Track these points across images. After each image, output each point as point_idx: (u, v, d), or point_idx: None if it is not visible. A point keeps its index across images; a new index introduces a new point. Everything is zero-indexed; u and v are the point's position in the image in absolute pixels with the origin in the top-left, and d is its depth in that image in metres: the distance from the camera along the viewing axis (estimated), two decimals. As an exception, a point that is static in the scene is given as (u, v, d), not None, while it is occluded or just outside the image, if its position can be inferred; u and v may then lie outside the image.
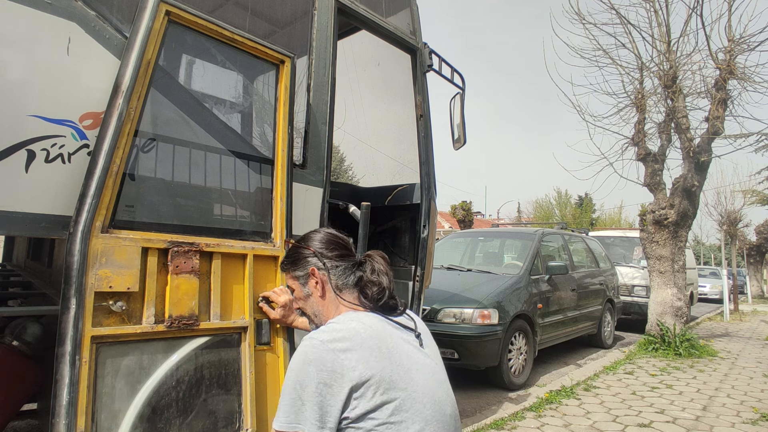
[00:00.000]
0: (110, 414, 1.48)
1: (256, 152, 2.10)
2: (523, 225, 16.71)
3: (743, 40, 6.62)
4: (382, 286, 1.31)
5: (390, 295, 1.32)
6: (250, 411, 1.78)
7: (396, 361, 1.13)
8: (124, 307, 1.53)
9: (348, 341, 1.12)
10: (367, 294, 1.30)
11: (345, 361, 1.08)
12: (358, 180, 4.55)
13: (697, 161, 6.90)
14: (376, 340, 1.14)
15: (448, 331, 4.59)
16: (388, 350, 1.14)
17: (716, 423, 3.75)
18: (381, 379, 1.09)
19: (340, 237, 1.43)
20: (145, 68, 1.62)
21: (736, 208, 17.13)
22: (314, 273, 1.34)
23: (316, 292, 1.35)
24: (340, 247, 1.39)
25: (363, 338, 1.13)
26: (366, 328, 1.16)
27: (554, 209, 37.52)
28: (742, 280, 22.88)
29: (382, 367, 1.10)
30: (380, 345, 1.14)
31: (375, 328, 1.18)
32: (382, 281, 1.31)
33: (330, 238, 1.40)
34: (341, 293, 1.32)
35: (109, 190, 1.52)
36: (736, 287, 13.73)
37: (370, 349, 1.11)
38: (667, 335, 6.66)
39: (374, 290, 1.30)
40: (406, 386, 1.12)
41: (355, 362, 1.08)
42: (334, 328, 1.16)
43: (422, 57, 3.30)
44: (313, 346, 1.12)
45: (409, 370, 1.14)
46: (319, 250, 1.37)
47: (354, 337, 1.13)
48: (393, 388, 1.09)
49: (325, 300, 1.33)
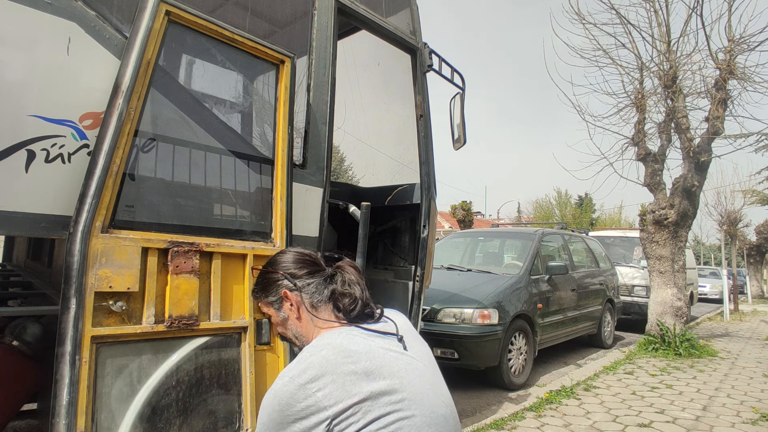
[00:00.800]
0: (110, 414, 1.48)
1: (256, 152, 2.10)
2: (523, 225, 16.71)
3: (743, 40, 6.62)
4: (354, 296, 1.28)
5: (364, 304, 1.29)
6: (250, 411, 1.78)
7: (378, 376, 1.11)
8: (124, 307, 1.53)
9: (319, 371, 1.09)
10: (340, 307, 1.28)
11: (318, 393, 1.06)
12: (358, 180, 4.55)
13: (697, 161, 6.90)
14: (351, 364, 1.12)
15: (448, 331, 4.59)
16: (366, 368, 1.12)
17: (716, 423, 3.75)
18: (363, 400, 1.07)
19: (307, 254, 1.40)
20: (145, 68, 1.62)
21: (736, 208, 17.13)
22: (287, 296, 1.32)
23: (292, 314, 1.32)
24: (309, 263, 1.36)
25: (335, 364, 1.11)
26: (338, 353, 1.14)
27: (554, 209, 37.52)
28: (742, 280, 22.88)
29: (362, 388, 1.08)
30: (356, 367, 1.11)
31: (349, 350, 1.15)
32: (353, 292, 1.29)
33: (297, 257, 1.37)
34: (316, 312, 1.30)
35: (109, 190, 1.52)
36: (736, 287, 13.73)
37: (345, 375, 1.09)
38: (667, 335, 6.66)
39: (346, 302, 1.28)
40: (392, 398, 1.10)
41: (330, 392, 1.07)
42: (305, 360, 1.14)
43: (422, 57, 3.30)
44: (284, 384, 1.09)
45: (393, 380, 1.13)
46: (288, 271, 1.33)
47: (325, 365, 1.10)
48: (379, 405, 1.08)
49: (302, 321, 1.32)
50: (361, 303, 1.28)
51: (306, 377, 1.09)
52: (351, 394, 1.07)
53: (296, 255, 1.38)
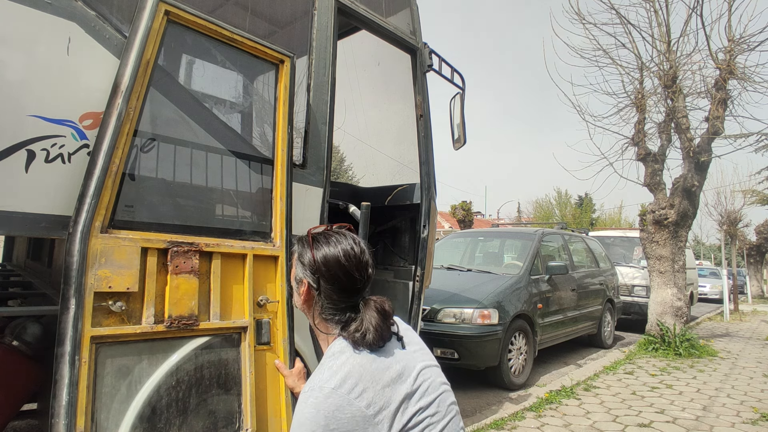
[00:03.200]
0: (110, 414, 1.48)
1: (256, 152, 2.10)
2: (523, 225, 16.70)
3: (743, 40, 6.62)
4: (368, 343, 1.11)
5: (374, 342, 1.13)
6: (250, 411, 1.77)
7: (407, 376, 1.10)
8: (124, 307, 1.53)
9: (358, 379, 1.04)
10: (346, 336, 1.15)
11: (361, 402, 1.02)
12: (358, 180, 4.55)
13: (697, 161, 6.90)
14: (386, 370, 1.09)
15: (448, 331, 4.59)
16: (398, 371, 1.10)
17: (716, 423, 3.75)
18: (402, 402, 1.06)
19: (352, 270, 1.17)
20: (144, 68, 1.62)
21: (736, 208, 17.12)
22: (304, 285, 1.20)
23: (300, 297, 1.22)
24: (342, 282, 1.17)
25: (372, 372, 1.06)
26: (370, 360, 1.09)
27: (554, 209, 37.49)
28: (742, 280, 22.88)
29: (399, 392, 1.07)
30: (391, 372, 1.09)
31: (379, 356, 1.11)
32: (364, 344, 1.11)
33: (338, 269, 1.17)
34: (318, 325, 1.21)
35: (108, 190, 1.52)
36: (736, 287, 13.73)
37: (383, 382, 1.06)
38: (667, 335, 6.66)
39: (358, 338, 1.12)
40: (419, 396, 1.09)
41: (372, 399, 1.03)
42: (340, 369, 1.06)
43: (422, 57, 3.30)
44: (326, 396, 1.02)
45: (418, 379, 1.13)
46: (320, 271, 1.17)
47: (363, 373, 1.05)
48: (411, 404, 1.07)
49: (308, 309, 1.23)
50: (373, 344, 1.13)
51: (347, 387, 1.03)
52: (391, 400, 1.05)
53: (343, 262, 1.17)
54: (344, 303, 1.18)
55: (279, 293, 1.96)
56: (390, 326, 1.17)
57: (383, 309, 1.17)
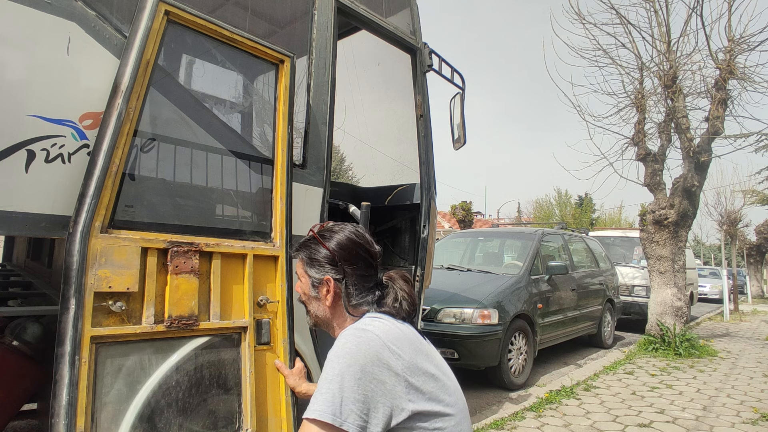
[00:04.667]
0: (110, 414, 1.48)
1: (256, 152, 2.10)
2: (523, 225, 16.71)
3: (743, 40, 6.62)
4: (402, 316, 1.20)
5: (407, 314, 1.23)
6: (250, 411, 1.77)
7: (432, 359, 1.14)
8: (124, 307, 1.53)
9: (397, 339, 1.07)
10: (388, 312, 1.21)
11: (397, 360, 1.04)
12: (358, 180, 4.55)
13: (697, 161, 6.89)
14: (417, 342, 1.13)
15: (448, 331, 4.59)
16: (425, 350, 1.14)
17: (716, 423, 3.75)
18: (431, 376, 1.09)
19: (366, 245, 1.24)
20: (144, 68, 1.62)
21: (736, 208, 17.12)
22: (329, 283, 1.21)
23: (325, 301, 1.23)
24: (364, 258, 1.23)
25: (404, 335, 1.10)
26: (399, 326, 1.14)
27: (554, 209, 37.49)
28: (742, 280, 22.88)
29: (428, 366, 1.11)
30: (420, 346, 1.13)
31: (402, 329, 1.15)
32: (402, 311, 1.20)
33: (356, 246, 1.22)
34: (353, 309, 1.21)
35: (108, 190, 1.52)
36: (736, 287, 13.72)
37: (415, 351, 1.10)
38: (667, 335, 6.66)
39: (396, 307, 1.21)
40: (442, 378, 1.13)
41: (409, 362, 1.06)
42: (380, 327, 1.09)
43: (422, 57, 3.30)
44: (370, 339, 1.03)
45: (436, 363, 1.15)
46: (341, 257, 1.20)
47: (401, 336, 1.09)
48: (430, 385, 1.09)
49: (332, 309, 1.24)
50: (407, 316, 1.21)
51: (389, 339, 1.05)
52: (423, 370, 1.08)
53: (356, 243, 1.24)
54: (372, 281, 1.24)
55: (279, 293, 1.96)
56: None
57: (407, 278, 1.27)
